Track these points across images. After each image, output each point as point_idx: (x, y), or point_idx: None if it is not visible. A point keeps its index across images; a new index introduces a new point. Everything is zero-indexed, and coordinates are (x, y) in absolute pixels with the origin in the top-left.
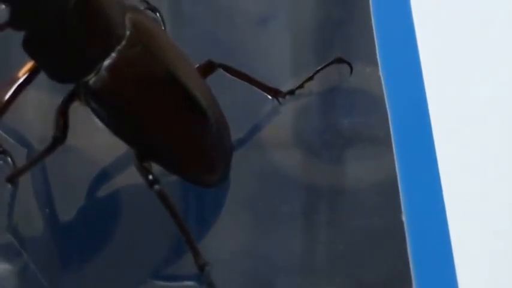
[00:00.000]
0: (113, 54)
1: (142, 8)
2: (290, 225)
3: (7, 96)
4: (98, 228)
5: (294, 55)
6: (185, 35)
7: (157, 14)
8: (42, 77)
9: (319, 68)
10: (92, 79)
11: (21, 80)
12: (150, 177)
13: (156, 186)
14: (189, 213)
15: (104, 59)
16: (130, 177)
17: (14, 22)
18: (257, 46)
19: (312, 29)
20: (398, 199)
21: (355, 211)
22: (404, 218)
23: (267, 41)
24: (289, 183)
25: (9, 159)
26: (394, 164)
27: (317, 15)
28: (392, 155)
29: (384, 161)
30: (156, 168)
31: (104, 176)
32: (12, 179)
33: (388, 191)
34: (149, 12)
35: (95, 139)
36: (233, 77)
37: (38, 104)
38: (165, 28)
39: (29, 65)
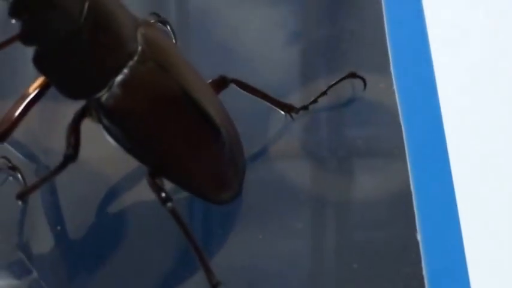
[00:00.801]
0: (125, 70)
1: (152, 20)
2: (301, 240)
3: (17, 113)
4: (109, 245)
5: (304, 67)
6: (192, 48)
7: (168, 27)
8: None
9: (333, 82)
10: (104, 96)
11: (31, 96)
12: (163, 194)
13: (169, 204)
14: (197, 228)
15: (116, 75)
16: (141, 192)
17: (24, 37)
18: (266, 58)
19: (323, 41)
20: (413, 215)
21: (369, 227)
22: (419, 237)
23: (276, 53)
24: (300, 197)
25: (19, 175)
26: (408, 179)
27: (329, 27)
28: (407, 170)
29: (398, 176)
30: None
31: (114, 192)
32: (23, 196)
33: (402, 206)
34: (159, 25)
35: (105, 153)
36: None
37: (44, 116)
38: (176, 41)
39: (39, 80)
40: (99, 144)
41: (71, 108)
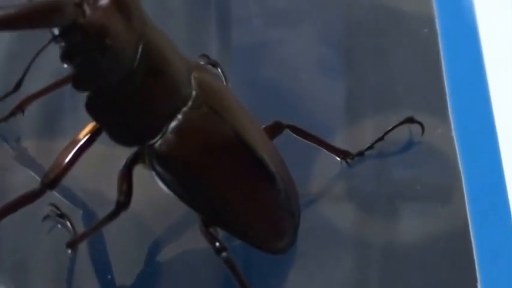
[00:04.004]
0: (179, 116)
1: (201, 62)
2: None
3: (67, 159)
4: None
5: (356, 109)
6: (233, 86)
7: (219, 69)
8: None
9: (390, 128)
10: (157, 142)
11: (81, 142)
12: (218, 244)
13: (224, 254)
14: (250, 277)
15: (169, 121)
16: (191, 240)
17: (77, 83)
18: (314, 98)
19: (376, 83)
20: (473, 264)
21: (428, 275)
22: (479, 287)
23: (325, 93)
24: (357, 245)
25: (68, 223)
26: (468, 227)
27: (383, 68)
28: (466, 217)
29: (457, 224)
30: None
31: (164, 239)
32: (73, 245)
33: (462, 254)
34: (210, 68)
35: (154, 199)
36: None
37: (92, 161)
38: (226, 83)
39: (90, 126)
40: (148, 189)
41: (120, 152)
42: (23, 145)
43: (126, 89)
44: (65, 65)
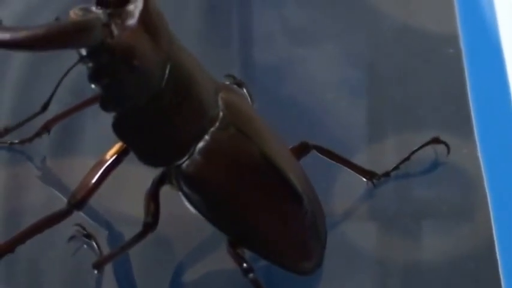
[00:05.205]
0: (207, 137)
1: (227, 82)
2: None
3: (94, 180)
4: None
5: (377, 128)
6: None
7: (244, 89)
8: None
9: (416, 148)
10: (184, 163)
11: (109, 162)
12: (245, 265)
13: (251, 275)
14: None
15: (197, 142)
16: (216, 261)
17: (104, 103)
18: (336, 117)
19: (400, 102)
20: (499, 284)
21: None
22: None
23: (347, 113)
24: (384, 266)
25: (94, 243)
26: (494, 248)
27: (406, 87)
28: (492, 238)
29: (484, 244)
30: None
31: (188, 260)
32: (99, 266)
33: (488, 274)
34: (236, 88)
35: (178, 219)
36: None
37: (118, 180)
38: (253, 104)
39: (117, 146)
40: (174, 210)
41: (146, 172)
42: (44, 164)
43: (154, 109)
44: (93, 86)
